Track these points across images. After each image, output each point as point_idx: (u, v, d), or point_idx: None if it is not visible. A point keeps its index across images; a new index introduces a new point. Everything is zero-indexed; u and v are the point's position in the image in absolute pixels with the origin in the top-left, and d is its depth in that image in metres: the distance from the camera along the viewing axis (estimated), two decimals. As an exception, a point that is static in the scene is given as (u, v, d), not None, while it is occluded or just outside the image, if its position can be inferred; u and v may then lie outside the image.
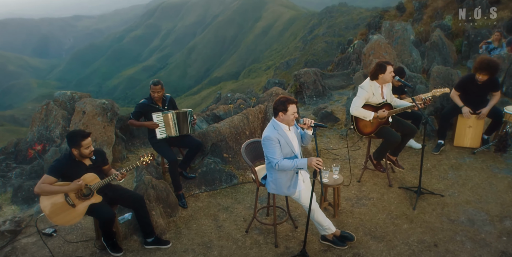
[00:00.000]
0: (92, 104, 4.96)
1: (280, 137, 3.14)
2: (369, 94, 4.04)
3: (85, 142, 3.23)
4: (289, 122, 3.17)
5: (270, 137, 3.12)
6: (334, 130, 6.49)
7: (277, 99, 3.14)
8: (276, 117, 3.20)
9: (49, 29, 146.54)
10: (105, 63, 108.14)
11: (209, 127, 4.87)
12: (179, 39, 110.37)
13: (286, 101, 3.10)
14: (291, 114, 3.13)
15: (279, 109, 3.13)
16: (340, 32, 61.94)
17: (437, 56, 7.53)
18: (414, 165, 4.89)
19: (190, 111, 4.38)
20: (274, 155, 3.12)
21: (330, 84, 8.98)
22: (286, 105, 3.10)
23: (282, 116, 3.14)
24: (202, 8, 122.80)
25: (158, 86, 4.16)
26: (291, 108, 3.12)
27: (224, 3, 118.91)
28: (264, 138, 3.16)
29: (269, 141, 3.13)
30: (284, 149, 3.18)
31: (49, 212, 3.20)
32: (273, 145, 3.12)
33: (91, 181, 3.30)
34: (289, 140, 3.19)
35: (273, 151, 3.12)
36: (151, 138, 4.35)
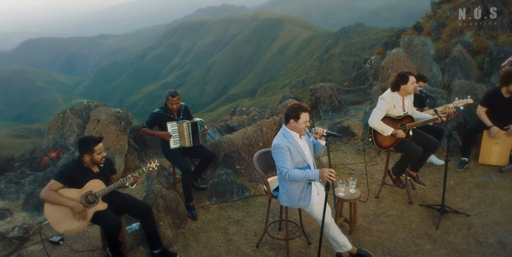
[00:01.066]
0: (107, 113, 4.93)
1: (291, 145, 2.97)
2: (389, 106, 3.84)
3: (97, 147, 3.14)
4: (300, 130, 3.00)
5: (280, 144, 2.95)
6: (350, 144, 6.26)
7: (290, 106, 2.99)
8: (286, 125, 3.04)
9: (77, 48, 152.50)
10: (127, 79, 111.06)
11: (221, 138, 4.73)
12: (198, 57, 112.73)
13: (299, 108, 2.94)
14: (302, 122, 2.96)
15: (290, 116, 2.97)
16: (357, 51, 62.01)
17: (458, 71, 7.27)
18: (436, 181, 4.59)
19: (200, 122, 4.26)
20: (284, 163, 2.94)
21: (346, 100, 8.78)
22: (299, 112, 2.94)
23: (293, 124, 2.98)
24: (221, 28, 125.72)
25: (176, 97, 4.07)
26: (304, 117, 2.95)
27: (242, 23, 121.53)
28: (274, 146, 2.99)
29: (279, 149, 2.96)
30: (295, 157, 2.99)
31: (53, 220, 3.08)
32: (283, 153, 2.94)
33: (96, 187, 3.18)
34: (300, 149, 3.01)
35: (283, 160, 2.94)
36: (164, 148, 4.24)
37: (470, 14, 14.65)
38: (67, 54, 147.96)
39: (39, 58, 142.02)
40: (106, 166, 3.32)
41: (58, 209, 3.10)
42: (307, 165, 3.04)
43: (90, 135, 3.89)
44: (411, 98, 3.99)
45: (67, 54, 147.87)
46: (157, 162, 3.37)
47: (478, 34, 11.32)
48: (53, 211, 3.09)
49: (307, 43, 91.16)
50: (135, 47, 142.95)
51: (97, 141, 3.15)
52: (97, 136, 3.24)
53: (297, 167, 3.01)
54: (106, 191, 3.20)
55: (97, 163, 3.21)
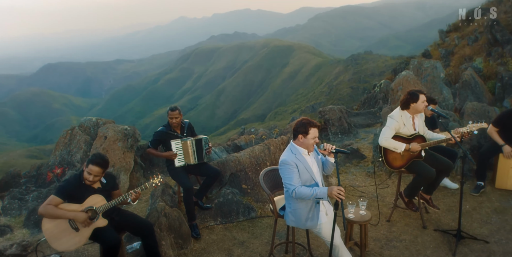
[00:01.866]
0: (114, 130, 4.90)
1: (298, 162, 2.85)
2: (399, 124, 3.72)
3: (89, 168, 2.99)
4: (309, 147, 2.89)
5: (287, 161, 2.84)
6: (360, 167, 6.08)
7: (299, 121, 2.90)
8: (294, 141, 2.94)
9: (93, 72, 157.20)
10: (140, 103, 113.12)
11: (228, 157, 4.64)
12: (210, 82, 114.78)
13: (307, 123, 2.85)
14: (311, 138, 2.86)
15: (299, 131, 2.88)
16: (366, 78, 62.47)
17: (469, 95, 7.15)
18: (450, 206, 4.37)
19: (205, 139, 4.19)
20: (291, 180, 2.81)
21: (355, 122, 8.66)
22: (307, 128, 2.84)
23: (302, 139, 2.88)
24: (232, 54, 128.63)
25: (176, 112, 4.04)
26: (313, 132, 2.85)
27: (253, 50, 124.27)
28: (281, 162, 2.88)
29: (286, 166, 2.84)
30: (303, 175, 2.87)
31: (50, 236, 2.96)
32: (291, 169, 2.82)
33: (97, 202, 3.07)
34: (308, 165, 2.89)
35: (290, 177, 2.82)
36: (169, 165, 4.15)
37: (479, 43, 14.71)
38: (84, 78, 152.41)
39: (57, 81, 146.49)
40: (109, 182, 3.22)
41: (56, 225, 2.98)
42: (315, 182, 2.91)
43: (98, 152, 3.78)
44: (422, 117, 3.87)
45: (84, 78, 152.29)
46: (161, 177, 3.27)
47: (488, 60, 11.27)
48: (51, 227, 2.98)
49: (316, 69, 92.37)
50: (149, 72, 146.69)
51: (95, 163, 2.99)
52: (102, 159, 3.04)
53: (305, 184, 2.88)
54: (107, 207, 3.09)
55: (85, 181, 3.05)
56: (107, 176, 3.24)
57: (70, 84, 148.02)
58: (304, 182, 2.88)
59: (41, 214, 2.95)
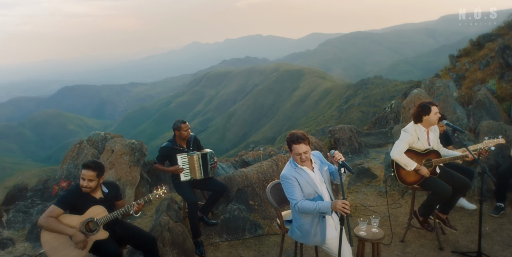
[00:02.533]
0: (122, 144, 4.88)
1: (298, 175, 2.73)
2: (413, 138, 3.59)
3: (83, 172, 2.94)
4: (297, 160, 2.76)
5: (286, 175, 2.74)
6: (371, 186, 5.88)
7: (288, 135, 2.79)
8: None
9: (108, 94, 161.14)
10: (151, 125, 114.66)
11: (235, 172, 4.53)
12: (221, 105, 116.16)
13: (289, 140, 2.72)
14: (295, 154, 2.73)
15: (288, 146, 2.79)
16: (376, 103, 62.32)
17: (484, 115, 6.97)
18: (468, 227, 4.13)
19: (210, 153, 4.09)
20: (293, 195, 2.70)
21: (366, 142, 8.50)
22: (290, 145, 2.73)
23: (291, 154, 2.79)
24: (243, 78, 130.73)
25: (187, 124, 4.00)
26: (295, 149, 2.69)
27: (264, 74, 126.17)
28: (281, 177, 2.78)
29: (286, 181, 2.74)
30: (305, 188, 2.74)
31: (49, 248, 2.86)
32: (291, 184, 2.71)
33: (98, 214, 2.97)
34: (310, 178, 2.76)
35: (292, 191, 2.70)
36: (174, 180, 4.06)
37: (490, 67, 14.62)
38: (99, 100, 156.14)
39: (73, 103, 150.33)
40: (111, 192, 3.14)
41: (55, 237, 2.89)
42: (318, 195, 2.77)
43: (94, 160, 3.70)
44: (436, 132, 3.74)
45: (99, 100, 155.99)
46: (165, 189, 3.17)
47: (501, 83, 11.12)
48: (51, 239, 2.88)
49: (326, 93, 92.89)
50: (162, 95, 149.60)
51: (85, 166, 2.94)
52: (91, 162, 2.98)
53: (309, 198, 2.74)
54: (109, 219, 2.99)
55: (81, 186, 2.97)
56: (109, 185, 3.16)
57: (85, 106, 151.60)
58: (308, 196, 2.75)
59: (41, 226, 2.87)
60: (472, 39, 18.77)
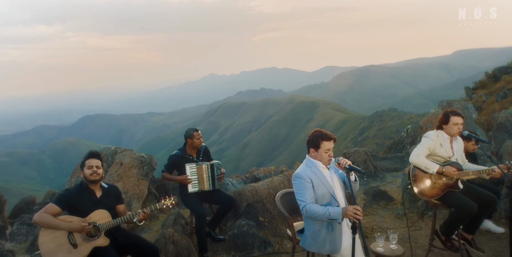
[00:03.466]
0: (131, 157, 4.82)
1: (313, 175, 2.57)
2: (435, 143, 3.37)
3: (88, 161, 2.88)
4: (323, 160, 2.63)
5: (300, 174, 2.57)
6: (388, 209, 5.56)
7: (311, 133, 2.67)
8: (308, 154, 2.69)
9: (126, 123, 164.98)
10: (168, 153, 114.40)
11: (245, 186, 4.36)
12: (236, 135, 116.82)
13: (319, 136, 2.61)
14: (323, 152, 2.60)
15: (310, 144, 2.64)
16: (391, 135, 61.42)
17: (506, 138, 6.67)
18: (497, 251, 3.77)
19: (217, 164, 3.96)
20: (302, 196, 2.52)
21: (382, 166, 8.20)
22: (319, 141, 2.60)
23: (314, 153, 2.63)
24: (258, 109, 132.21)
25: (199, 132, 3.93)
26: (325, 146, 2.59)
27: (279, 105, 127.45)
28: (294, 176, 2.62)
29: (298, 180, 2.57)
30: (319, 189, 2.56)
31: (45, 250, 2.71)
32: (303, 184, 2.54)
33: (101, 219, 2.83)
34: (325, 179, 2.59)
35: (302, 192, 2.53)
36: (182, 191, 3.92)
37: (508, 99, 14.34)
38: (117, 129, 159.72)
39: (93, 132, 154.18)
40: (110, 191, 3.02)
41: (53, 239, 2.74)
42: (333, 199, 2.58)
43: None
44: (459, 143, 3.52)
45: (117, 129, 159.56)
46: (173, 199, 3.03)
47: (521, 109, 10.80)
48: (48, 240, 2.74)
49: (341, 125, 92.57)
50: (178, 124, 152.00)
51: (91, 155, 2.91)
52: (93, 151, 2.98)
53: (322, 201, 2.55)
54: (111, 225, 2.84)
55: (87, 179, 2.89)
56: (109, 184, 3.07)
57: (104, 134, 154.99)
58: (322, 198, 2.56)
59: (35, 222, 2.74)
60: (487, 72, 18.66)
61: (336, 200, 2.59)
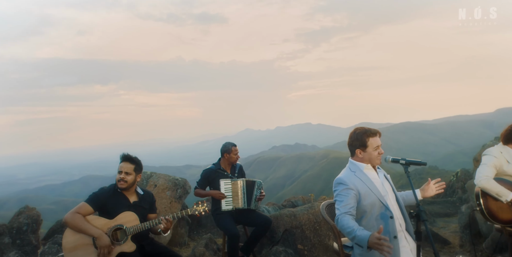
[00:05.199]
0: (165, 179, 4.67)
1: (358, 181, 2.21)
2: (500, 160, 2.92)
3: (120, 165, 2.71)
4: (372, 160, 2.28)
5: (343, 179, 2.22)
6: (443, 253, 4.83)
7: (352, 133, 2.34)
8: (353, 157, 2.36)
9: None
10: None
11: (283, 211, 3.99)
12: (269, 189, 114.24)
13: (363, 133, 2.28)
14: (372, 150, 2.26)
15: (355, 145, 2.30)
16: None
17: None
18: None
19: (259, 182, 3.67)
20: (339, 204, 2.15)
21: (432, 210, 7.39)
22: (364, 139, 2.27)
23: (361, 154, 2.29)
24: (292, 164, 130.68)
25: (237, 147, 3.74)
26: (372, 142, 2.27)
27: (313, 160, 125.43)
28: (336, 181, 2.27)
29: (340, 186, 2.21)
30: (367, 198, 2.19)
31: (68, 250, 2.48)
32: (345, 191, 2.17)
33: (129, 221, 2.60)
34: (373, 185, 2.23)
35: (341, 200, 2.16)
36: (215, 210, 3.63)
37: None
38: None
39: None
40: (145, 197, 2.82)
41: (78, 239, 2.52)
42: (385, 208, 2.20)
43: None
44: None
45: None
46: (206, 206, 2.77)
47: None
48: (73, 240, 2.52)
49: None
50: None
51: (123, 158, 2.73)
52: (128, 155, 2.77)
53: (372, 212, 2.17)
54: (139, 229, 2.60)
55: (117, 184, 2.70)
56: (145, 190, 2.87)
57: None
58: (371, 207, 2.18)
59: (66, 222, 2.55)
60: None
61: (388, 209, 2.20)
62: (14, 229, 4.55)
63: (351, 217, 2.09)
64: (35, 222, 4.74)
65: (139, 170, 2.79)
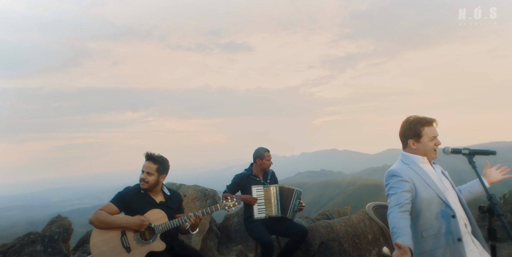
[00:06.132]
0: (195, 189, 4.53)
1: (414, 174, 1.97)
2: None
3: (144, 164, 2.58)
4: (428, 152, 2.03)
5: (396, 171, 1.99)
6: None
7: (404, 122, 2.09)
8: (405, 149, 2.12)
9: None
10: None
11: (318, 222, 3.71)
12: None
13: (418, 122, 2.03)
14: (428, 140, 2.02)
15: (407, 135, 2.07)
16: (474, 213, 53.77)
17: None
18: None
19: (298, 192, 3.43)
20: (392, 196, 1.91)
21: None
22: (418, 128, 2.02)
23: (415, 146, 2.05)
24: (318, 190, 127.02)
25: (270, 153, 3.56)
26: (428, 132, 2.02)
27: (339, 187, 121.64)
28: (388, 174, 2.03)
29: (393, 178, 1.97)
30: (423, 192, 1.94)
31: (97, 253, 2.34)
32: (399, 183, 1.93)
33: (158, 219, 2.45)
34: (430, 179, 1.98)
35: (394, 192, 1.91)
36: (247, 218, 3.42)
37: None
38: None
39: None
40: (173, 196, 2.67)
41: (106, 240, 2.39)
42: (445, 205, 1.93)
43: None
44: None
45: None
46: (236, 201, 2.58)
47: None
48: (100, 241, 2.39)
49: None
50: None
51: (146, 157, 2.58)
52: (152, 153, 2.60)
53: (430, 209, 1.91)
54: (167, 227, 2.44)
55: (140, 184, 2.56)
56: (172, 190, 2.72)
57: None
58: (428, 203, 1.93)
59: (91, 221, 2.43)
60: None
61: (449, 207, 1.93)
62: (46, 237, 4.50)
63: (404, 214, 1.84)
64: (66, 231, 4.68)
65: (163, 171, 2.62)
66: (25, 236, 4.41)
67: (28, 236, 4.44)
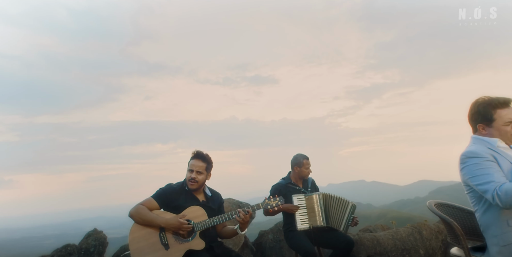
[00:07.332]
0: (229, 202, 4.37)
1: (497, 154, 1.73)
2: None
3: (191, 162, 2.46)
4: (503, 138, 1.78)
5: (477, 152, 1.74)
6: None
7: (473, 104, 1.85)
8: (476, 133, 1.87)
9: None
10: None
11: (363, 234, 3.37)
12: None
13: (489, 104, 1.80)
14: (503, 125, 1.76)
15: (475, 119, 1.84)
16: None
17: None
18: None
19: (353, 206, 3.07)
20: (489, 177, 1.63)
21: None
22: (490, 111, 1.79)
23: (485, 131, 1.81)
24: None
25: (309, 160, 3.34)
26: (502, 115, 1.77)
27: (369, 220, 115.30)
28: (466, 155, 1.77)
29: (474, 159, 1.72)
30: (509, 175, 1.67)
31: (135, 248, 2.19)
32: (485, 163, 1.69)
33: (197, 216, 2.30)
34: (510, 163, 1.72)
35: (487, 173, 1.66)
36: (287, 228, 3.16)
37: None
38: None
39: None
40: (214, 198, 2.53)
41: (145, 236, 2.23)
42: None
43: None
44: None
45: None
46: (279, 200, 2.38)
47: None
48: (139, 236, 2.24)
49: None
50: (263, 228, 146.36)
51: (195, 155, 2.48)
52: (200, 152, 2.49)
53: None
54: (207, 225, 2.27)
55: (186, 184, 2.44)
56: (214, 191, 2.57)
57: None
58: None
59: (131, 215, 2.30)
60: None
61: None
62: (83, 250, 4.45)
63: None
64: (102, 244, 4.62)
65: (210, 168, 2.53)
66: (63, 248, 4.38)
67: (65, 248, 4.41)
